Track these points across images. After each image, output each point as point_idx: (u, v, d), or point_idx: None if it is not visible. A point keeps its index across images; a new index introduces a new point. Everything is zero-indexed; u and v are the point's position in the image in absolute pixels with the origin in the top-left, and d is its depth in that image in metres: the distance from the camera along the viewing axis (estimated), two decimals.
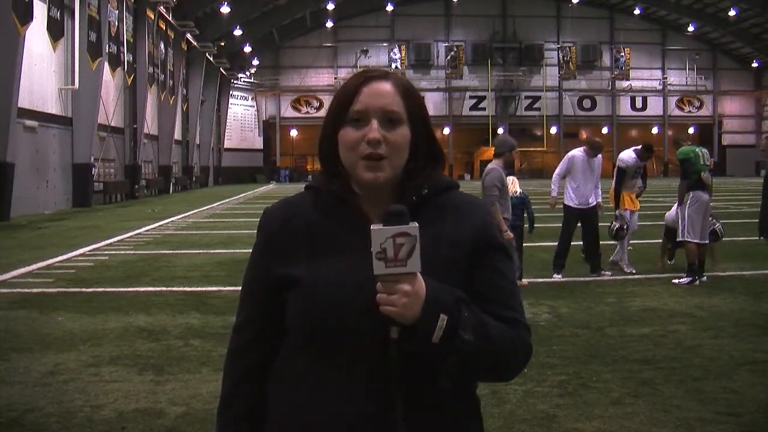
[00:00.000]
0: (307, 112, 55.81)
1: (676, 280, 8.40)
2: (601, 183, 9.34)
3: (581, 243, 10.55)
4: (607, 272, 9.07)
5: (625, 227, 9.26)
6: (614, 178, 9.66)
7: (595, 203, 9.12)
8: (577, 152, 9.22)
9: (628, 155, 9.56)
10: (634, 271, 9.25)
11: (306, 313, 1.33)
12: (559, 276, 8.84)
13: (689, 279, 8.32)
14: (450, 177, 1.50)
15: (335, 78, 53.61)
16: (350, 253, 1.32)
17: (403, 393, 1.27)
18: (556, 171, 9.41)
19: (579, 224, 9.15)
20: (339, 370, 1.31)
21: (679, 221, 8.49)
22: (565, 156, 9.42)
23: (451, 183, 1.45)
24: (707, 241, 8.54)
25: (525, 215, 8.68)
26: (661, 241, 9.81)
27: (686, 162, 8.43)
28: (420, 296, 1.23)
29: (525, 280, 8.32)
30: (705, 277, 8.46)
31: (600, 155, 9.30)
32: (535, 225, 12.33)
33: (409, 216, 1.24)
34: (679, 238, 8.53)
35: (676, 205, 8.98)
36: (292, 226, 1.40)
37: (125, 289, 8.35)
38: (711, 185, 8.55)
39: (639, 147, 9.60)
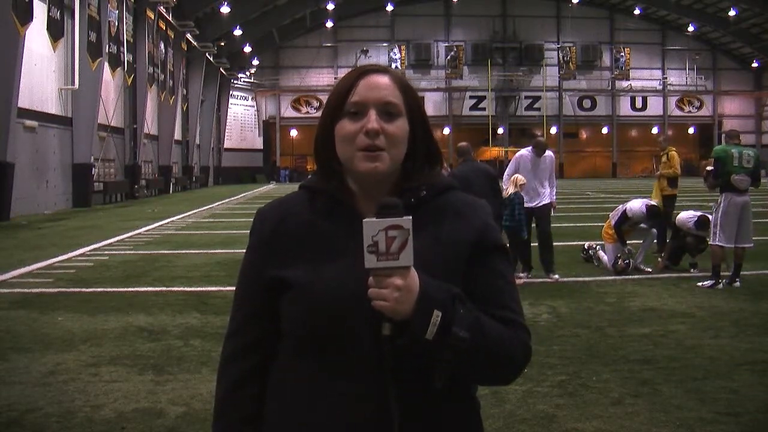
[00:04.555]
0: (307, 112, 55.84)
1: (700, 283, 8.27)
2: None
3: (583, 243, 10.60)
4: (555, 275, 8.80)
5: (627, 261, 9.28)
6: (618, 218, 9.61)
7: (547, 202, 9.15)
8: (525, 151, 9.32)
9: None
10: (650, 269, 9.35)
11: (303, 315, 1.31)
12: (525, 275, 8.72)
13: (711, 282, 8.17)
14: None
15: (335, 78, 53.58)
16: (347, 253, 1.30)
17: (397, 393, 1.25)
18: (506, 171, 9.37)
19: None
20: (337, 372, 1.30)
21: (711, 223, 8.37)
22: (514, 155, 9.46)
23: (450, 184, 1.43)
24: (747, 245, 8.26)
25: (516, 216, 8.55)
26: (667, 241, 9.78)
27: (717, 161, 8.24)
28: (413, 291, 1.20)
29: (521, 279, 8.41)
30: (738, 282, 8.20)
31: (550, 154, 9.33)
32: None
33: (402, 209, 1.22)
34: (710, 241, 8.39)
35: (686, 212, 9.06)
36: (287, 227, 1.38)
37: (125, 289, 8.35)
38: (747, 189, 8.19)
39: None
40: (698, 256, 9.28)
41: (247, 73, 54.53)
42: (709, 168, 8.41)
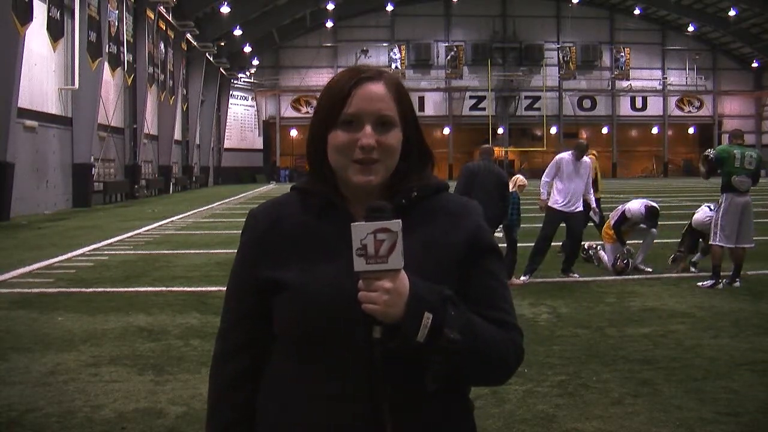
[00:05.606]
0: (307, 112, 55.74)
1: (700, 283, 8.27)
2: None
3: (583, 243, 10.59)
4: (575, 274, 8.96)
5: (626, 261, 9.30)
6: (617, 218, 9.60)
7: (581, 209, 9.07)
8: (565, 155, 9.18)
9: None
10: (650, 269, 9.36)
11: (297, 316, 1.31)
12: (526, 278, 8.59)
13: (711, 282, 8.15)
14: (449, 177, 1.47)
15: None
16: (340, 255, 1.28)
17: (388, 395, 1.24)
18: (545, 174, 9.22)
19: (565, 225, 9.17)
20: (331, 373, 1.29)
21: (712, 222, 8.36)
22: (553, 159, 9.34)
23: (441, 185, 1.42)
24: (747, 245, 8.24)
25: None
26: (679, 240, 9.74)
27: (718, 161, 8.23)
28: (402, 294, 1.20)
29: (518, 280, 8.44)
30: (738, 282, 8.18)
31: (588, 158, 9.21)
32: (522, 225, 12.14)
33: (391, 212, 1.21)
34: (711, 241, 8.35)
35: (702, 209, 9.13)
36: (280, 228, 1.38)
37: (125, 289, 8.35)
38: (749, 189, 8.19)
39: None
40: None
41: (247, 73, 54.53)
42: (709, 152, 8.42)
